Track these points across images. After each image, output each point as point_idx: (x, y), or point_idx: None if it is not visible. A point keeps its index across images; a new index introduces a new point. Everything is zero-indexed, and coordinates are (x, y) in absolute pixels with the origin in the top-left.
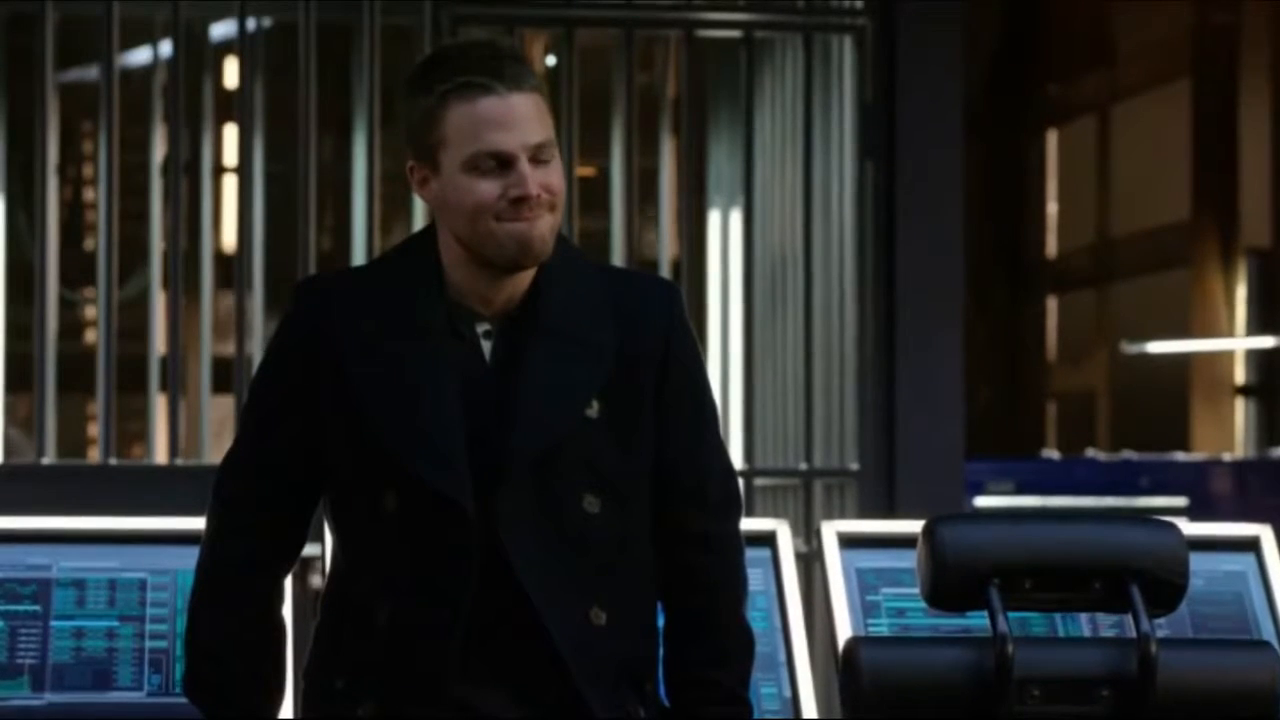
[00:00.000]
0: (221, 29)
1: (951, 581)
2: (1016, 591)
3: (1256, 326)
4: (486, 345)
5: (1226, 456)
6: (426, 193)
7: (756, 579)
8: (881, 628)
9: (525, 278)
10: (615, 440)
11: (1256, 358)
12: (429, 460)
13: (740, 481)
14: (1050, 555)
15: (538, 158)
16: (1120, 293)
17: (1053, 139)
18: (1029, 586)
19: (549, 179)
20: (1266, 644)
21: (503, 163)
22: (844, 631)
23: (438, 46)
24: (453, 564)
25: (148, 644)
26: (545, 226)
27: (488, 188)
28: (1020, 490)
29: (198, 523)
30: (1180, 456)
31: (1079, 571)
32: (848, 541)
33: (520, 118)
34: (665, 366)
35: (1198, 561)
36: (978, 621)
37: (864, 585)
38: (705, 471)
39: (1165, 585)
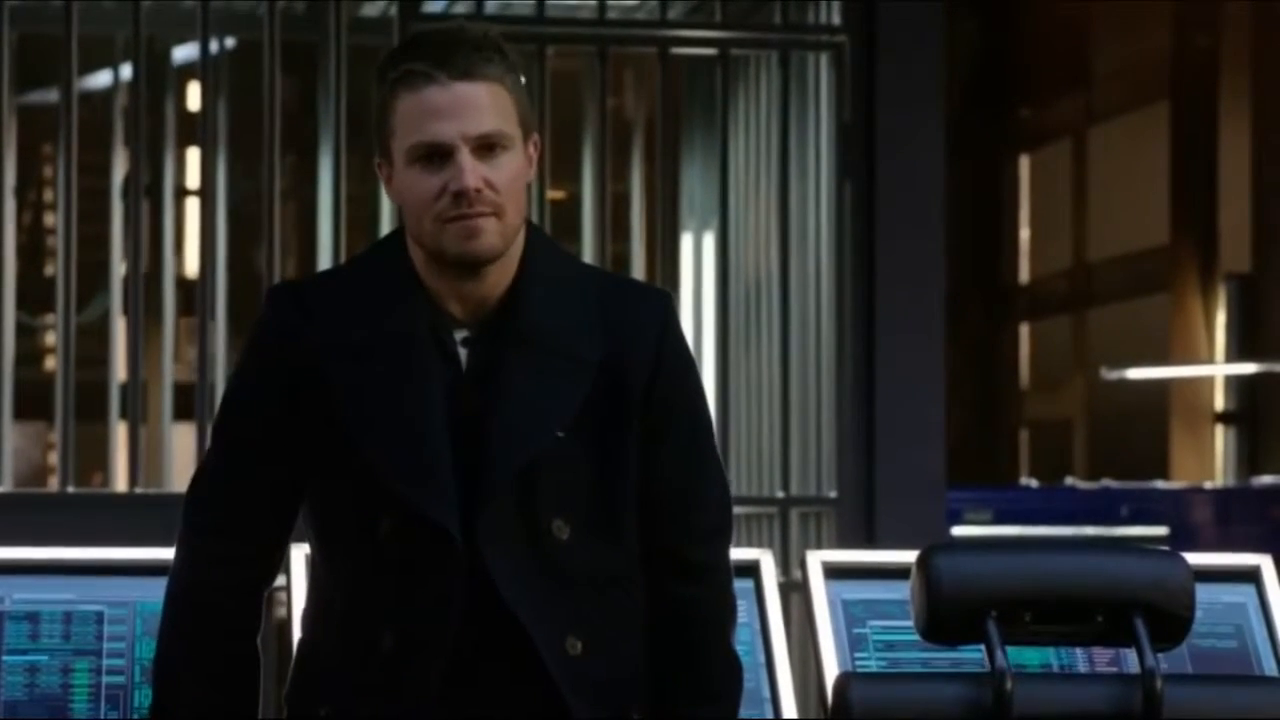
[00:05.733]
0: (184, 51)
1: (948, 614)
2: (1015, 624)
3: (1236, 352)
4: (464, 354)
5: (1208, 485)
6: (391, 190)
7: (740, 611)
8: (869, 662)
9: (501, 281)
10: (590, 460)
11: (1237, 384)
12: (417, 483)
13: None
14: (1051, 587)
15: (486, 149)
16: (1098, 319)
17: (1027, 162)
18: (1028, 619)
19: (494, 174)
20: (1275, 680)
21: (443, 154)
22: (830, 665)
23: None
24: (441, 586)
25: (105, 679)
26: (490, 228)
27: (429, 182)
28: (998, 519)
29: (158, 553)
30: (1161, 485)
31: (1081, 604)
32: (833, 572)
33: (464, 107)
34: (655, 381)
35: (1196, 592)
36: (968, 655)
37: (850, 617)
38: (696, 495)
39: (1170, 618)
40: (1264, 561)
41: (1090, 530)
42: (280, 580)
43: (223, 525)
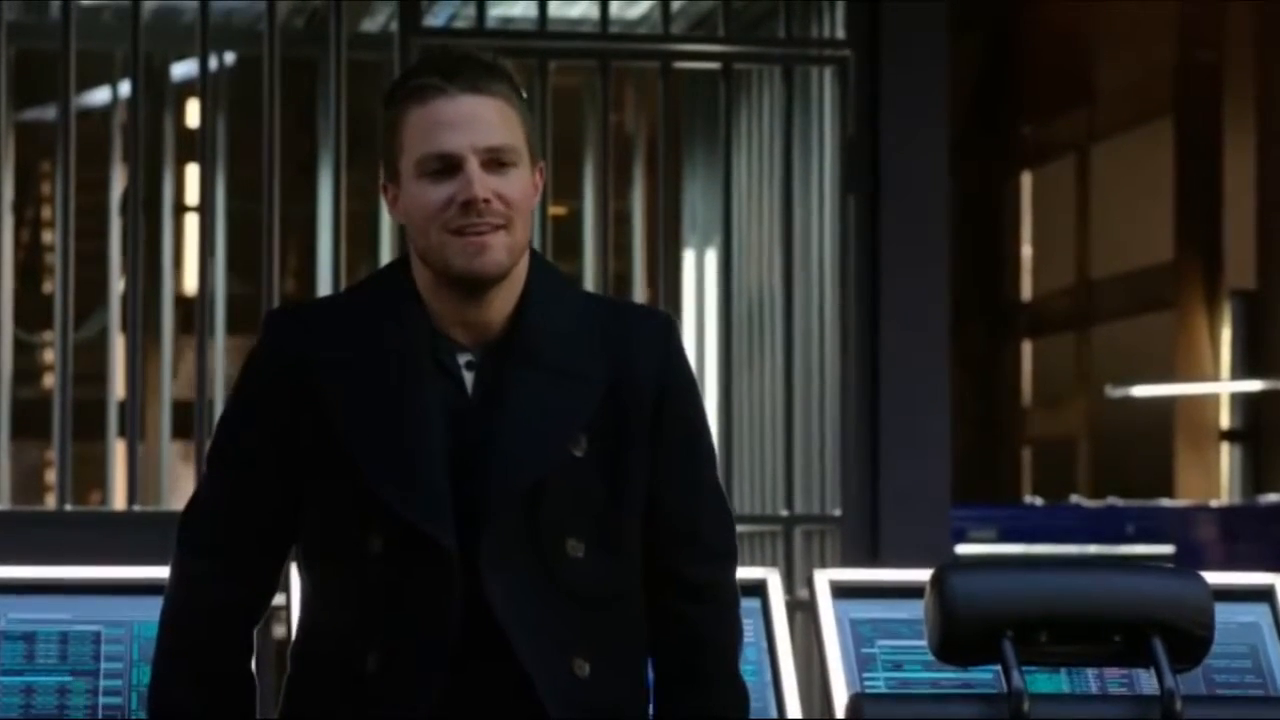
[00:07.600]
0: (183, 67)
1: (962, 634)
2: (1031, 644)
3: (1242, 370)
4: (469, 376)
5: (1213, 503)
6: (397, 211)
7: (746, 630)
8: (878, 682)
9: (505, 303)
10: (603, 480)
11: (1242, 402)
12: (414, 501)
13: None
14: (1068, 607)
15: (495, 163)
16: (1101, 336)
17: (1030, 179)
18: (1044, 640)
19: (504, 187)
20: None
21: (451, 165)
22: (839, 685)
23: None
24: (435, 607)
25: (101, 700)
26: (498, 243)
27: (437, 193)
28: (1003, 538)
29: (155, 571)
30: (1166, 503)
31: (1099, 624)
32: (841, 591)
33: (472, 118)
34: (660, 404)
35: None
36: (978, 676)
37: (858, 637)
38: (700, 516)
39: (1189, 638)
40: (1278, 581)
41: (1095, 548)
42: (279, 599)
43: (218, 547)
